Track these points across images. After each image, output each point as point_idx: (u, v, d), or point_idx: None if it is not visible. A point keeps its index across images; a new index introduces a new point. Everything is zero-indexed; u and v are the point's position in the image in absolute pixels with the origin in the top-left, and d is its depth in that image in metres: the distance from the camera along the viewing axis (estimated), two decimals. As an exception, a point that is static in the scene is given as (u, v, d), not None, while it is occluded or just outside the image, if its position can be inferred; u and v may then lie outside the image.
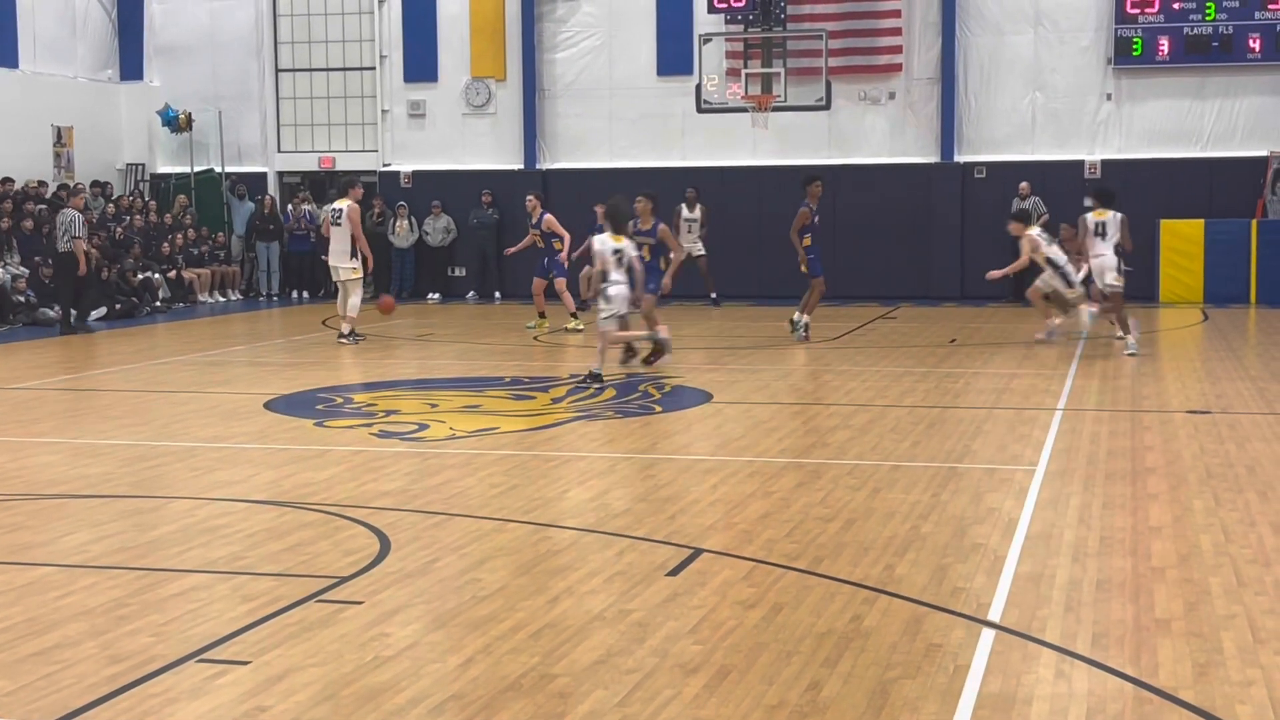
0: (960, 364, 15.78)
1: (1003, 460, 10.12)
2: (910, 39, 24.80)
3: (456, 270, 26.36)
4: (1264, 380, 14.12)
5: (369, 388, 14.46)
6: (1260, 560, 7.26)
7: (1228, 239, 22.76)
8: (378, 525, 8.17)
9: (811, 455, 10.34)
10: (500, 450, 10.71)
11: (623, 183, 25.58)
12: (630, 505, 8.75)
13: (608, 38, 26.09)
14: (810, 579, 6.99)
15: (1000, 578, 6.96)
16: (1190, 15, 23.44)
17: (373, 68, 27.05)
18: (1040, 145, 24.59)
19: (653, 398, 13.36)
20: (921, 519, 8.23)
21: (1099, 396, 13.09)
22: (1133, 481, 9.27)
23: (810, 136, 25.04)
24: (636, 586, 6.86)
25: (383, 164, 27.17)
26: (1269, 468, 9.68)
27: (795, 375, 14.94)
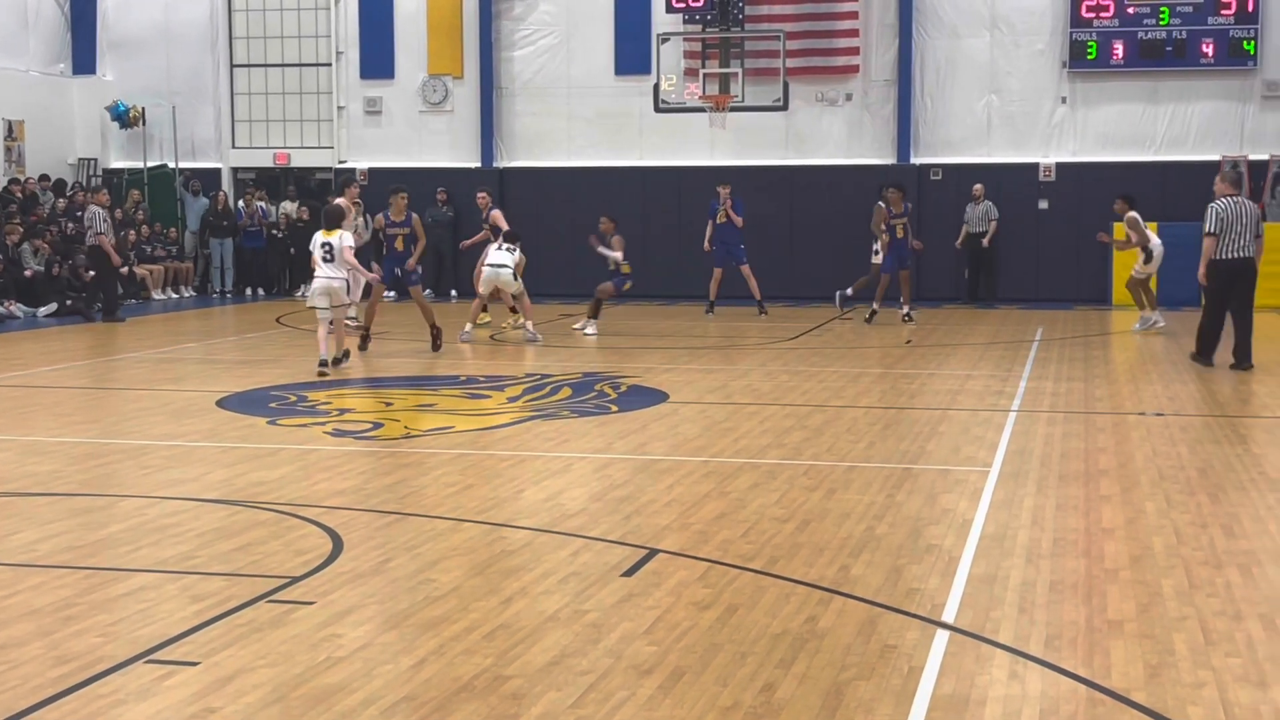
0: (916, 365, 15.84)
1: (957, 461, 10.15)
2: (867, 41, 24.88)
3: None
4: (1216, 383, 14.24)
5: (323, 386, 14.36)
6: (1212, 562, 7.31)
7: (1180, 242, 22.87)
8: (330, 525, 8.11)
9: (767, 456, 10.34)
10: (455, 449, 10.66)
11: (580, 181, 25.65)
12: (585, 505, 8.72)
13: (565, 36, 26.04)
14: (765, 580, 6.98)
15: (954, 579, 6.97)
16: (1144, 20, 23.63)
17: (329, 64, 26.90)
18: (996, 148, 24.72)
19: (609, 397, 13.34)
20: (877, 520, 8.24)
21: (1052, 398, 13.17)
22: (1086, 483, 9.32)
23: (767, 137, 25.08)
24: (591, 587, 6.83)
25: (338, 161, 27.02)
26: (1220, 470, 9.75)
27: (751, 376, 14.95)
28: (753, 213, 22.58)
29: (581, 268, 25.36)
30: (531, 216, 25.91)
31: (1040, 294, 24.16)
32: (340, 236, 15.08)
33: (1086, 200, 23.83)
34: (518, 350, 17.63)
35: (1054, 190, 24.34)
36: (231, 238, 26.58)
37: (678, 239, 25.41)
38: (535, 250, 25.75)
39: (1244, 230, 14.75)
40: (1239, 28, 23.30)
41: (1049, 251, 24.36)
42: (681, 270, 25.23)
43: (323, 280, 15.01)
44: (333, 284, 14.99)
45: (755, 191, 24.27)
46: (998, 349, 17.28)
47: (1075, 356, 16.47)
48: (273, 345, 18.10)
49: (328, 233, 15.08)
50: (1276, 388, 14.08)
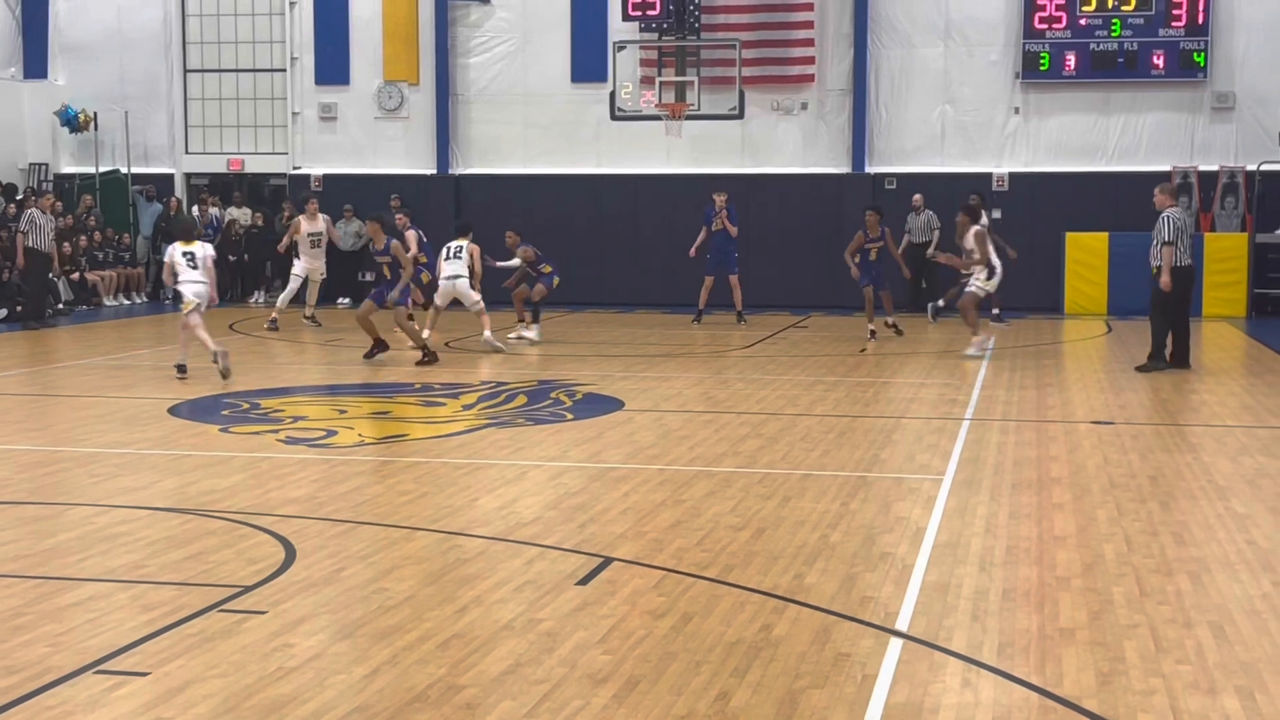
0: (870, 373, 15.90)
1: (911, 469, 10.19)
2: (823, 50, 24.98)
3: (367, 275, 26.05)
4: (1166, 391, 14.37)
5: (276, 393, 14.27)
6: (1162, 570, 7.37)
7: (1131, 252, 23.07)
8: (283, 533, 8.06)
9: (722, 464, 10.35)
10: (409, 457, 10.62)
11: (536, 189, 25.62)
12: (540, 514, 8.70)
13: (522, 43, 26.02)
14: (720, 588, 6.98)
15: (908, 587, 7.00)
16: (1096, 31, 23.84)
17: (283, 69, 26.77)
18: (949, 157, 24.87)
19: (564, 405, 13.32)
20: (831, 528, 8.26)
21: (1005, 407, 13.25)
22: (1038, 491, 9.38)
23: (723, 145, 25.14)
24: (546, 596, 6.82)
25: (292, 167, 26.89)
26: (1171, 478, 9.84)
27: (707, 384, 14.97)
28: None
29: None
30: (487, 223, 25.82)
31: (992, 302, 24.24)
32: (201, 246, 15.48)
33: (1039, 210, 24.01)
34: (473, 358, 17.57)
35: (1007, 200, 24.49)
36: (184, 244, 26.33)
37: (633, 247, 25.44)
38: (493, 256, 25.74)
39: (1189, 240, 15.82)
40: (1189, 39, 23.54)
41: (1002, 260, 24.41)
42: (637, 278, 25.27)
43: (192, 286, 15.18)
44: (198, 289, 15.21)
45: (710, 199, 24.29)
46: (951, 358, 17.37)
47: (1028, 365, 16.58)
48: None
49: (186, 244, 15.35)
50: (1226, 396, 14.22)
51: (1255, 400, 13.73)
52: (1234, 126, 23.85)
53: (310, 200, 21.59)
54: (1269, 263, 23.06)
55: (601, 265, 25.51)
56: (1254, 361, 17.00)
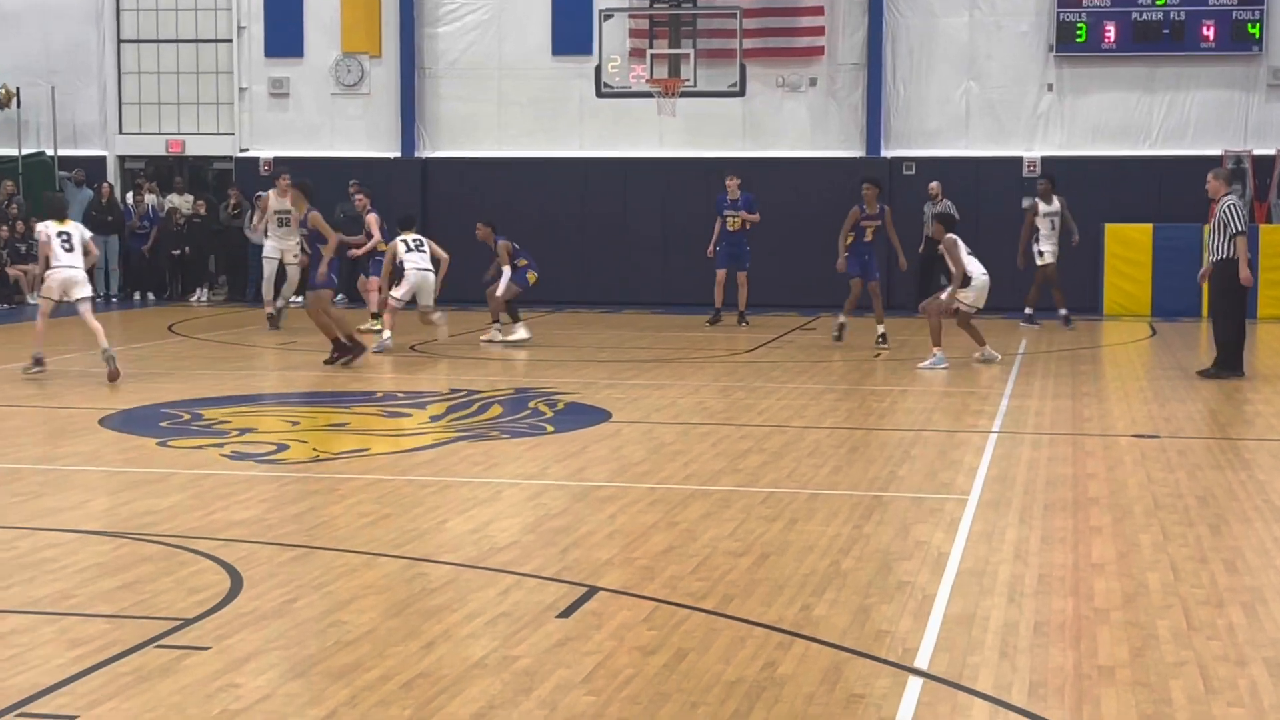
0: (886, 381, 15.92)
1: (932, 489, 10.21)
2: (834, 20, 25.04)
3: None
4: (1216, 402, 14.41)
5: (220, 402, 14.26)
6: (1212, 601, 7.39)
7: (1178, 246, 23.17)
8: (228, 559, 8.05)
9: (721, 482, 10.36)
10: (370, 474, 10.62)
11: (513, 174, 25.65)
12: (517, 537, 8.71)
13: (497, 11, 26.06)
14: (718, 621, 6.99)
15: (928, 620, 7.01)
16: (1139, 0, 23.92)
17: (229, 40, 26.78)
18: (975, 139, 24.94)
19: (544, 416, 13.33)
20: (842, 554, 8.28)
21: (1037, 418, 13.28)
22: (1074, 513, 9.40)
23: (722, 126, 25.18)
24: (523, 629, 6.82)
25: (239, 149, 26.89)
26: (1222, 499, 9.86)
27: (703, 392, 14.99)
28: (705, 208, 22.63)
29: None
30: (457, 213, 25.87)
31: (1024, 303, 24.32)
32: (77, 227, 15.71)
33: (1075, 198, 24.02)
34: (441, 363, 17.58)
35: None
36: (117, 235, 26.36)
37: (621, 239, 25.47)
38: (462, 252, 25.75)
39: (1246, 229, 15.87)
40: (1243, 9, 23.62)
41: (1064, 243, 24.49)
42: (626, 274, 25.30)
43: (69, 271, 15.37)
44: (76, 274, 15.42)
45: (708, 186, 24.34)
46: (974, 364, 17.39)
47: (1062, 372, 16.62)
48: (164, 356, 17.96)
49: (60, 222, 15.52)
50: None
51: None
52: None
53: (282, 175, 21.54)
54: (1330, 258, 23.15)
55: (586, 260, 25.55)
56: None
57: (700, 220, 23.07)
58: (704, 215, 22.58)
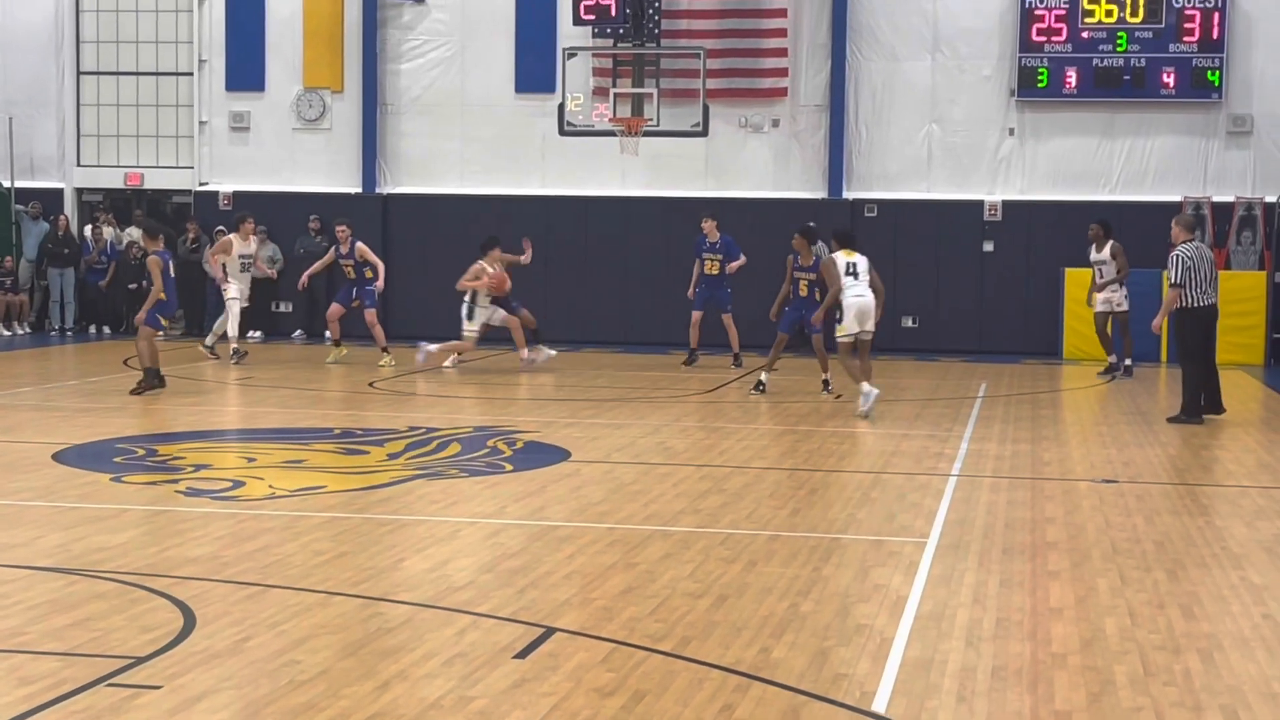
0: (846, 422, 15.97)
1: (891, 531, 10.24)
2: (797, 61, 25.20)
3: (281, 305, 26.08)
4: (1175, 447, 14.51)
5: (176, 438, 14.19)
6: (1169, 647, 7.43)
7: (1138, 291, 23.28)
8: (181, 597, 8.01)
9: (680, 523, 10.36)
10: (327, 512, 10.58)
11: (475, 211, 25.66)
12: (474, 577, 8.69)
13: (460, 48, 26.11)
14: (676, 663, 6.99)
15: (887, 663, 7.02)
16: (1100, 45, 24.17)
17: (190, 73, 26.74)
18: (936, 182, 25.10)
19: (502, 455, 13.31)
20: (801, 596, 8.29)
21: (996, 462, 13.34)
22: (1032, 557, 9.44)
23: (685, 165, 25.28)
24: (479, 670, 6.80)
25: (199, 183, 26.82)
26: (1179, 544, 9.92)
27: (664, 432, 15.00)
28: (666, 248, 22.71)
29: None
30: (418, 249, 25.90)
31: (984, 345, 24.50)
32: None
33: (1035, 243, 24.27)
34: (400, 400, 17.55)
35: (1000, 231, 24.73)
36: (74, 268, 26.25)
37: (582, 276, 25.50)
38: (422, 288, 25.76)
39: (1209, 275, 16.03)
40: (1203, 57, 23.89)
41: (994, 299, 24.73)
42: (586, 311, 25.31)
43: None
44: None
45: (670, 225, 24.44)
46: (937, 406, 17.48)
47: (1022, 416, 16.71)
48: (119, 391, 17.85)
49: None
50: (1241, 453, 14.37)
51: (1274, 458, 13.89)
52: (1251, 153, 24.21)
53: (246, 219, 21.71)
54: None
55: (546, 297, 25.54)
56: (1272, 415, 17.20)
57: (661, 259, 23.18)
58: (665, 254, 22.66)
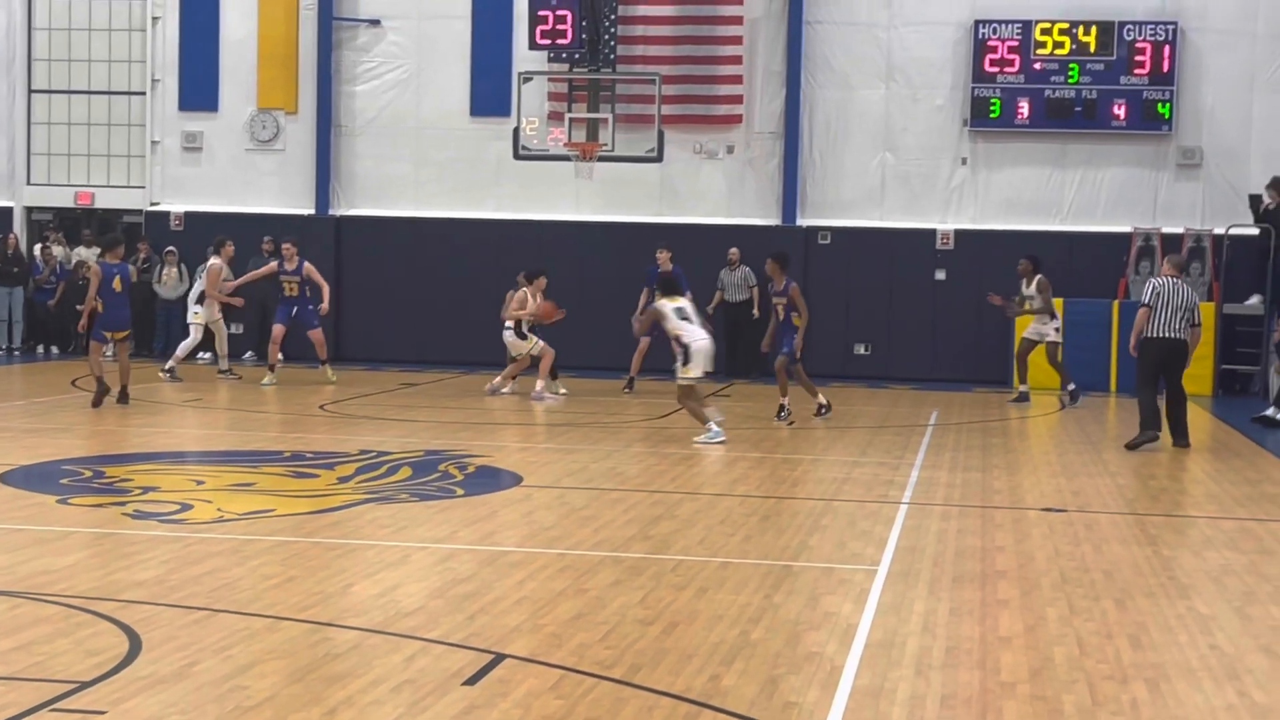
0: (798, 449, 16.00)
1: (842, 559, 10.26)
2: (751, 89, 25.29)
3: (233, 327, 25.91)
4: (1123, 476, 14.60)
5: (124, 460, 14.08)
6: (1117, 677, 7.46)
7: (1088, 320, 23.55)
8: (127, 621, 7.94)
9: (631, 549, 10.35)
10: (275, 536, 10.52)
11: (428, 234, 25.64)
12: (424, 602, 8.65)
13: (415, 71, 26.09)
14: (626, 690, 6.97)
15: (837, 691, 7.03)
16: (1052, 77, 24.37)
17: (143, 93, 26.60)
18: (890, 210, 25.21)
19: (454, 479, 13.27)
20: (752, 623, 8.29)
21: (947, 490, 13.39)
22: (982, 585, 9.48)
23: (640, 191, 25.31)
24: (428, 697, 6.77)
25: (150, 203, 26.67)
26: (1128, 573, 9.98)
27: (615, 457, 14.99)
28: (620, 273, 22.76)
29: (428, 331, 25.29)
30: (371, 272, 25.83)
31: (936, 373, 24.61)
32: None
33: (987, 272, 24.37)
34: (351, 423, 17.47)
35: (952, 259, 24.87)
36: (22, 287, 26.03)
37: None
38: (375, 312, 25.69)
39: (1177, 312, 16.22)
40: (1154, 89, 24.12)
41: (946, 327, 24.85)
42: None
43: None
44: None
45: (623, 250, 24.46)
46: (888, 434, 17.54)
47: (973, 444, 16.78)
48: (66, 412, 17.72)
49: None
50: (1189, 484, 14.48)
51: (1221, 489, 14.00)
52: (1201, 185, 24.44)
53: (227, 242, 22.39)
54: (1238, 336, 23.59)
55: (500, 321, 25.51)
56: (1220, 445, 17.34)
57: (615, 284, 23.20)
58: (619, 279, 22.68)
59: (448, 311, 24.75)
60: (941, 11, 24.83)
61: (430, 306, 25.32)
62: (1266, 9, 24.21)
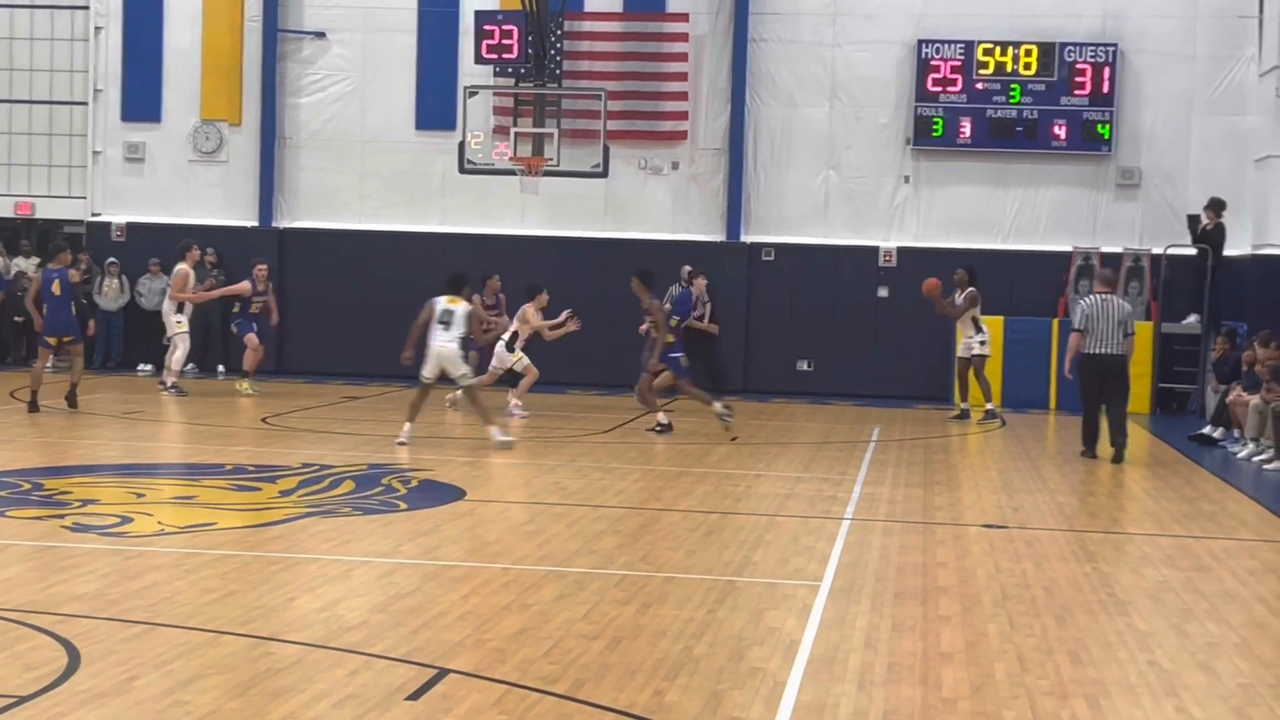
0: (742, 464, 16.03)
1: (785, 574, 10.28)
2: (697, 105, 25.36)
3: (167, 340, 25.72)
4: (1063, 494, 14.71)
5: (63, 472, 13.95)
6: (1057, 693, 7.51)
7: (1028, 339, 23.73)
8: (66, 635, 7.86)
9: (575, 564, 10.34)
10: (217, 549, 10.44)
11: (373, 247, 25.55)
12: (367, 617, 8.61)
13: (361, 84, 26.01)
14: (569, 705, 6.96)
15: (780, 706, 7.04)
16: (994, 97, 24.55)
17: (85, 103, 26.39)
18: (833, 228, 25.31)
19: (397, 493, 13.22)
20: (695, 639, 8.29)
21: (889, 506, 13.45)
22: (923, 601, 9.52)
23: (585, 206, 25.32)
24: (371, 712, 6.73)
25: (91, 213, 26.45)
26: (1067, 589, 10.05)
27: (560, 472, 14.97)
28: (566, 288, 22.76)
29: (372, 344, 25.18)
30: (315, 285, 25.71)
31: (878, 390, 24.71)
32: None
33: (929, 289, 24.51)
34: (294, 436, 17.37)
35: (895, 277, 24.99)
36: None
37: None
38: (318, 325, 25.57)
39: (1110, 328, 16.69)
40: (1094, 110, 24.35)
41: (889, 344, 24.96)
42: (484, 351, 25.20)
43: None
44: None
45: (569, 265, 24.46)
46: (831, 450, 17.60)
47: (914, 460, 16.87)
48: (5, 423, 17.53)
49: None
50: (1127, 501, 14.61)
51: (1158, 506, 14.12)
52: (1139, 205, 24.68)
53: (192, 246, 22.28)
54: (1175, 355, 23.81)
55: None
56: (1158, 463, 17.50)
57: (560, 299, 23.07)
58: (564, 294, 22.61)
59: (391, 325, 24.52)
60: (885, 31, 24.99)
61: (374, 320, 25.21)
62: (1205, 32, 24.49)
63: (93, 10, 26.28)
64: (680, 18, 25.26)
